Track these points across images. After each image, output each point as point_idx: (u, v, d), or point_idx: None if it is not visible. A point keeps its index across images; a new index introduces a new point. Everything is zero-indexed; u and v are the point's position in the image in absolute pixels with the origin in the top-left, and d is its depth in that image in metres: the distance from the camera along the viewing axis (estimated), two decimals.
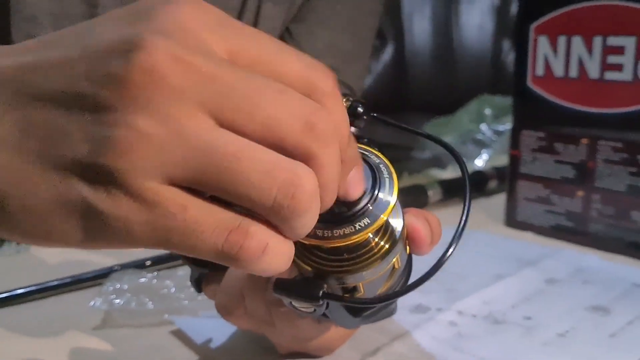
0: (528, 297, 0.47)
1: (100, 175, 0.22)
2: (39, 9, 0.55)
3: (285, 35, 0.71)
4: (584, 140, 0.58)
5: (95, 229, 0.23)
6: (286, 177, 0.22)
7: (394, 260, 0.30)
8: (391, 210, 0.28)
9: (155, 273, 0.48)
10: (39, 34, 0.26)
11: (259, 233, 0.23)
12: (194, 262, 0.38)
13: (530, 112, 0.62)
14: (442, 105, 1.20)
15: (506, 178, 0.66)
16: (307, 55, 0.25)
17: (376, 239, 0.29)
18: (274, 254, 0.23)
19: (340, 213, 0.27)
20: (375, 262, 0.29)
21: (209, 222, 0.22)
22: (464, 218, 0.28)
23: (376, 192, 0.28)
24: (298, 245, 0.30)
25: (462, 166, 0.29)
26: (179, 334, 0.42)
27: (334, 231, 0.27)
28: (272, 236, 0.23)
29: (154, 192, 0.22)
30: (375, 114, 0.31)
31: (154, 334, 0.42)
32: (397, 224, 0.30)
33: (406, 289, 0.29)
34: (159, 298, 0.44)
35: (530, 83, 0.61)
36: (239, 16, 0.65)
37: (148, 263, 0.51)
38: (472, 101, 1.11)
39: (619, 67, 0.55)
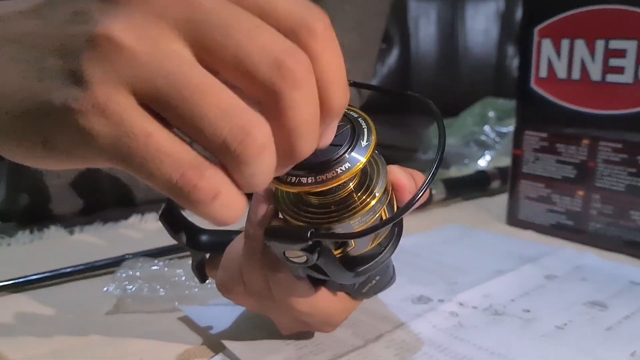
0: (528, 291, 0.49)
1: (74, 78, 0.23)
2: None
3: None
4: (585, 141, 0.59)
5: (58, 135, 0.24)
6: (239, 122, 0.22)
7: (381, 211, 0.32)
8: (370, 154, 0.29)
9: (167, 261, 0.49)
10: None
11: (214, 177, 0.23)
12: (193, 246, 0.39)
13: (533, 113, 0.64)
14: (447, 108, 1.21)
15: (508, 178, 0.67)
16: None
17: (360, 189, 0.31)
18: (225, 202, 0.23)
19: (324, 160, 0.29)
20: (361, 210, 0.30)
21: (169, 153, 0.23)
22: (437, 161, 0.30)
23: (355, 140, 0.30)
24: (289, 202, 0.32)
25: (439, 122, 0.30)
26: (188, 321, 0.44)
27: (317, 177, 0.29)
28: (226, 184, 0.23)
29: (121, 107, 0.22)
30: (352, 81, 0.31)
31: (164, 320, 0.44)
32: (379, 174, 0.32)
33: (383, 223, 0.31)
34: (170, 285, 0.46)
35: (533, 84, 0.63)
36: None
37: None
38: (476, 104, 1.12)
39: (620, 70, 0.56)
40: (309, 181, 0.29)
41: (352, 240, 0.32)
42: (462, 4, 1.86)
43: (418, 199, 0.30)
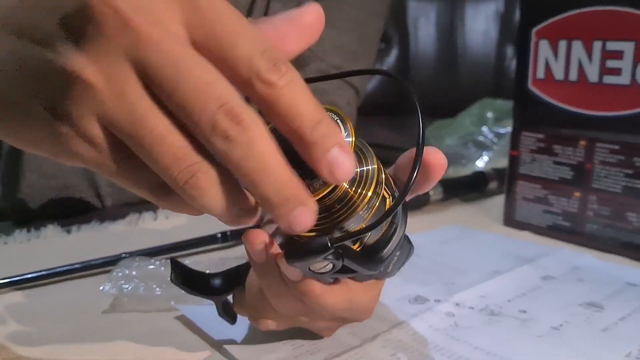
0: (524, 292, 0.49)
1: (58, 111, 0.26)
2: None
3: None
4: (582, 142, 0.60)
5: (50, 146, 0.28)
6: (186, 166, 0.26)
7: (382, 192, 0.32)
8: (354, 143, 0.29)
9: (163, 260, 0.49)
10: None
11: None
12: (212, 293, 0.39)
13: (531, 114, 0.64)
14: (445, 108, 1.22)
15: (505, 179, 0.67)
16: (266, 40, 0.26)
17: (356, 179, 0.31)
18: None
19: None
20: (364, 199, 0.30)
21: (140, 177, 0.28)
22: (420, 141, 0.30)
23: None
24: None
25: (414, 100, 0.31)
26: (184, 320, 0.44)
27: (315, 183, 0.29)
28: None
29: (100, 137, 0.26)
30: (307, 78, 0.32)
31: (160, 319, 0.44)
32: (367, 158, 0.32)
33: (393, 206, 0.31)
34: (167, 285, 0.46)
35: (531, 85, 0.63)
36: (249, 14, 0.67)
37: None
38: (474, 104, 1.13)
39: (617, 71, 0.56)
40: (310, 190, 0.29)
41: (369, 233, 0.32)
42: (462, 5, 1.86)
43: (415, 177, 0.30)
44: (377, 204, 0.31)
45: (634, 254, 0.57)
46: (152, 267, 0.48)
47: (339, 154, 0.27)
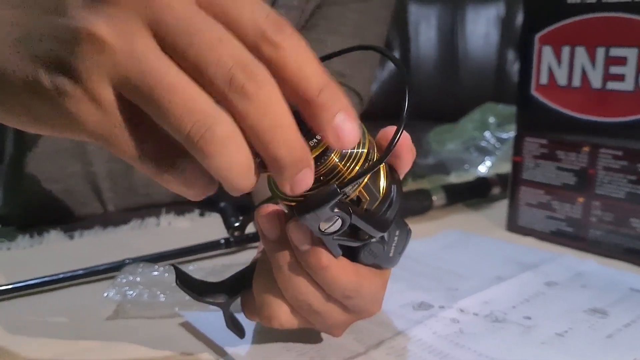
0: (528, 298, 0.49)
1: (66, 71, 0.26)
2: None
3: None
4: (585, 148, 0.60)
5: (47, 113, 0.27)
6: (200, 118, 0.25)
7: (372, 157, 0.32)
8: None
9: (167, 267, 0.49)
10: None
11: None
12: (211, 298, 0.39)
13: (534, 120, 0.64)
14: (447, 113, 1.22)
15: (508, 184, 0.67)
16: (267, 7, 0.27)
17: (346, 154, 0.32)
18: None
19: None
20: (353, 171, 0.31)
21: (145, 147, 0.27)
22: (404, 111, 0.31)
23: None
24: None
25: (401, 69, 0.31)
26: (188, 326, 0.44)
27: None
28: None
29: (109, 99, 0.26)
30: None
31: (164, 326, 0.44)
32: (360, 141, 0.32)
33: (385, 153, 0.32)
34: (171, 291, 0.46)
35: (534, 91, 0.63)
36: None
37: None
38: (476, 109, 1.13)
39: (620, 78, 0.56)
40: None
41: (365, 194, 0.33)
42: (463, 9, 1.87)
43: (399, 138, 0.31)
44: (361, 162, 0.32)
45: (637, 260, 0.57)
46: (156, 273, 0.48)
47: (345, 119, 0.27)
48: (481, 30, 1.84)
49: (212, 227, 0.65)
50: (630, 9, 0.55)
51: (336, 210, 0.31)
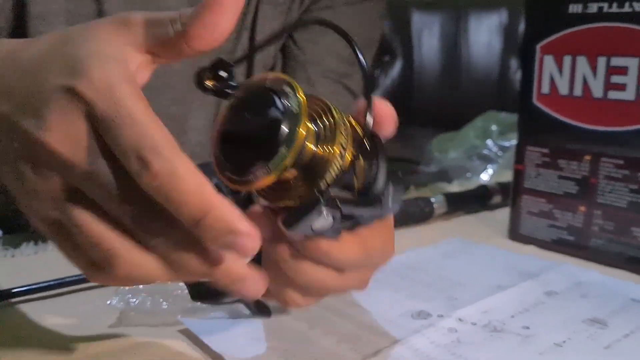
0: (527, 308, 0.49)
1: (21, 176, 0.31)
2: (49, 8, 0.59)
3: (290, 43, 0.75)
4: (587, 157, 0.60)
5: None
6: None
7: (348, 138, 0.32)
8: (305, 108, 0.30)
9: None
10: (49, 32, 0.32)
11: None
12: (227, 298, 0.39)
13: (535, 129, 0.64)
14: (449, 121, 1.22)
15: (510, 193, 0.68)
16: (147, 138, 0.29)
17: (319, 136, 0.32)
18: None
19: (270, 142, 0.29)
20: (338, 133, 0.31)
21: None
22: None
23: (283, 106, 0.30)
24: (272, 195, 0.32)
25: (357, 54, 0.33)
26: (190, 334, 0.44)
27: (269, 162, 0.29)
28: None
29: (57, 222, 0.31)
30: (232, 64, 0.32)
31: (166, 333, 0.44)
32: (327, 115, 0.32)
33: (363, 134, 0.32)
34: (173, 299, 0.46)
35: (535, 100, 0.63)
36: (242, 17, 0.68)
37: None
38: (478, 117, 1.13)
39: (622, 87, 0.57)
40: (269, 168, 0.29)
41: (354, 177, 0.32)
42: (465, 17, 1.87)
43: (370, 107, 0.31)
44: (348, 133, 0.32)
45: (639, 269, 0.57)
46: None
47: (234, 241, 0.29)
48: (484, 38, 1.84)
49: None
50: (631, 19, 0.55)
51: (324, 210, 0.30)
